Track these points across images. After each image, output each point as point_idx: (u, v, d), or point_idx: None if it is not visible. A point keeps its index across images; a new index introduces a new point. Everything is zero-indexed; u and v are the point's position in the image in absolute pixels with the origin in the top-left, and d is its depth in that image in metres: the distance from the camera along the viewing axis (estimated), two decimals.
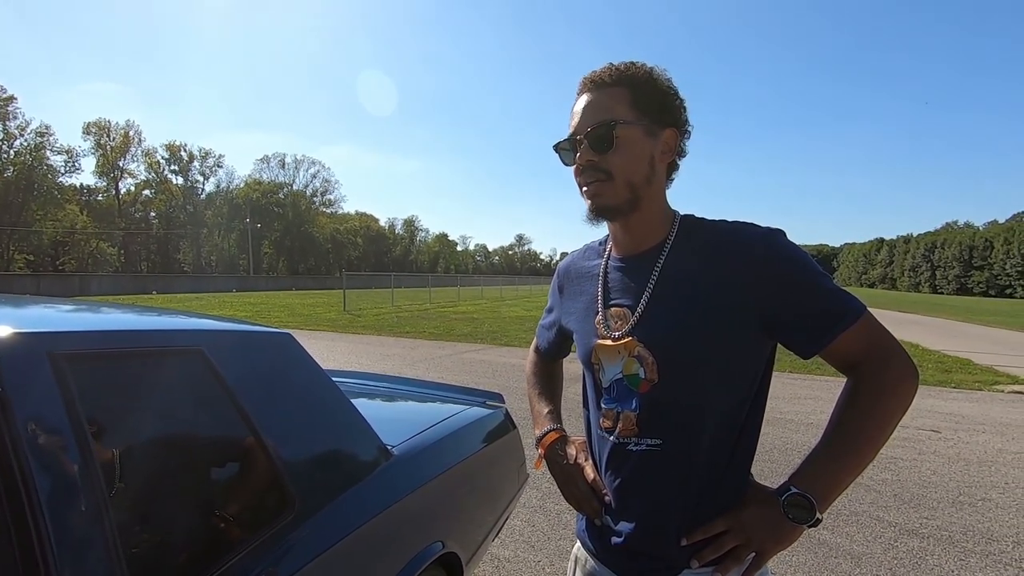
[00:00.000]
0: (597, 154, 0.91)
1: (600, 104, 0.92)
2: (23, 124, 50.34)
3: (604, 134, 0.90)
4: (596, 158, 0.91)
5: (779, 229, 0.91)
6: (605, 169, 0.91)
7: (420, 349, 10.41)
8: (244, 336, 1.37)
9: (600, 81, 0.94)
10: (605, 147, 0.90)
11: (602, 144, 0.90)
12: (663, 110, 0.93)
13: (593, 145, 0.91)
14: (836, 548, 2.93)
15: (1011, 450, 4.77)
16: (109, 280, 41.72)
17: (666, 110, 0.94)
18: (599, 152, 0.91)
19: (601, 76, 0.94)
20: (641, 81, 0.93)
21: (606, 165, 0.91)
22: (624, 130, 0.90)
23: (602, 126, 0.90)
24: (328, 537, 1.23)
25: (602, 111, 0.91)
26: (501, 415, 2.30)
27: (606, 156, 0.91)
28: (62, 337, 0.94)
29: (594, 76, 0.95)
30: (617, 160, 0.91)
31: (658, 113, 0.93)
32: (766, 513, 0.88)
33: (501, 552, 2.84)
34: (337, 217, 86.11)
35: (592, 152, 0.91)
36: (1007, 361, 10.00)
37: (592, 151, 0.91)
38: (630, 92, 0.92)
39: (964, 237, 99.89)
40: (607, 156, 0.91)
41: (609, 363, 0.97)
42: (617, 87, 0.92)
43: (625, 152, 0.91)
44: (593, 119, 0.92)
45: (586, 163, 0.92)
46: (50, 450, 0.81)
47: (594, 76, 0.95)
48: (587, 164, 0.92)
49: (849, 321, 0.86)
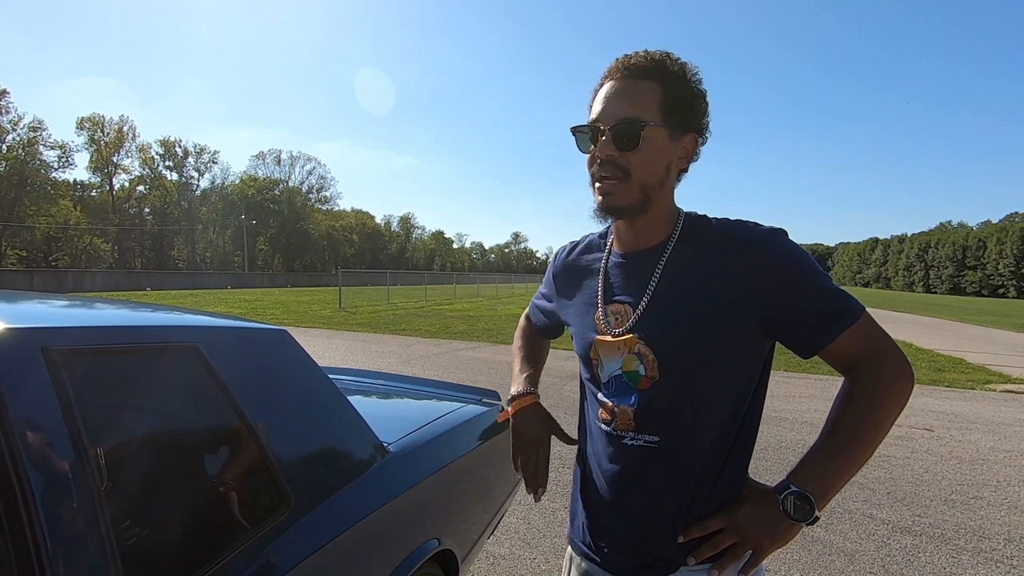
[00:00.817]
0: (619, 150, 0.88)
1: (630, 96, 0.88)
2: (16, 119, 50.02)
3: (631, 132, 0.87)
4: (617, 154, 0.88)
5: (781, 228, 0.91)
6: (624, 167, 0.88)
7: (416, 347, 10.40)
8: (240, 333, 1.36)
9: (635, 68, 0.89)
10: (629, 145, 0.87)
11: (626, 142, 0.87)
12: (690, 113, 0.91)
13: (616, 140, 0.88)
14: (830, 545, 2.94)
15: (1003, 448, 4.81)
16: (103, 276, 41.39)
17: (692, 113, 0.91)
18: (621, 149, 0.88)
19: (636, 63, 0.90)
20: (676, 78, 0.90)
21: (626, 163, 0.88)
22: (651, 131, 0.87)
23: (631, 123, 0.87)
24: (323, 534, 1.23)
25: (631, 106, 0.88)
26: (497, 412, 2.31)
27: (627, 155, 0.88)
28: (57, 333, 0.93)
29: (627, 62, 0.90)
30: (638, 160, 0.88)
31: (685, 116, 0.90)
32: (764, 511, 0.88)
33: (497, 549, 2.84)
34: (333, 214, 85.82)
35: (614, 147, 0.88)
36: (1000, 360, 10.08)
37: (614, 146, 0.88)
38: (662, 89, 0.88)
39: (958, 237, 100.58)
40: (628, 155, 0.88)
41: (608, 359, 0.97)
42: (650, 80, 0.89)
43: (647, 154, 0.88)
44: (621, 112, 0.88)
45: (606, 157, 0.89)
46: (44, 446, 0.80)
47: (627, 62, 0.90)
48: (607, 158, 0.89)
49: (848, 321, 0.86)
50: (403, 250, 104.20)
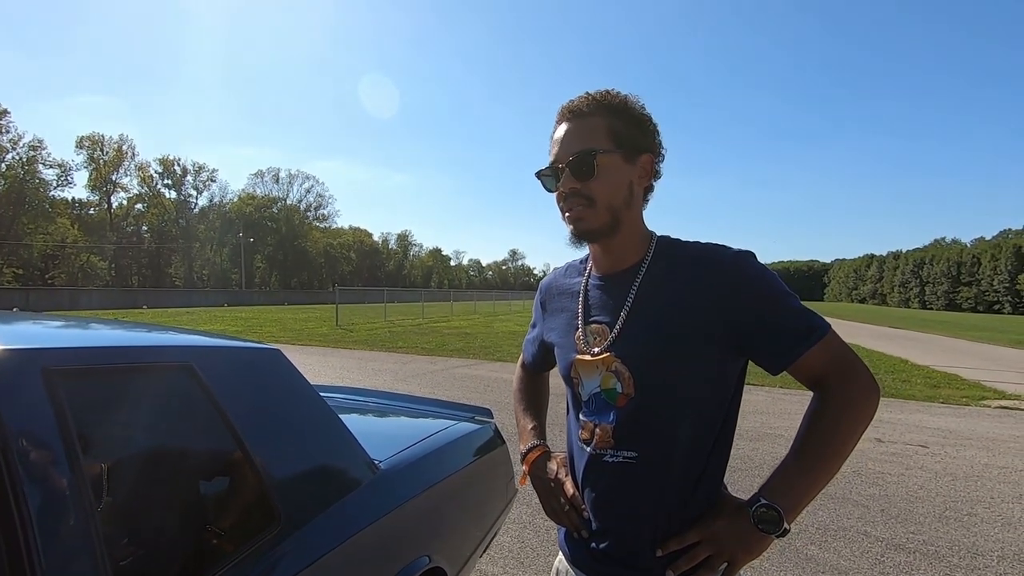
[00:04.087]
0: (579, 181, 0.95)
1: (580, 133, 0.97)
2: (16, 138, 50.35)
3: (585, 162, 0.94)
4: (578, 185, 0.95)
5: (749, 251, 0.95)
6: (587, 195, 0.95)
7: (412, 364, 10.38)
8: (233, 352, 1.39)
9: (578, 111, 0.98)
10: (586, 174, 0.95)
11: (583, 172, 0.95)
12: (639, 137, 0.98)
13: (575, 173, 0.95)
14: (823, 563, 2.94)
15: (997, 465, 4.82)
16: (99, 294, 41.30)
17: (642, 136, 0.99)
18: (580, 179, 0.95)
19: (579, 106, 0.98)
20: (617, 110, 0.98)
21: (588, 191, 0.95)
22: (604, 158, 0.95)
23: (583, 154, 0.95)
24: (312, 551, 1.25)
25: (582, 140, 0.96)
26: (490, 430, 2.32)
27: (588, 183, 0.95)
28: (55, 353, 0.96)
29: (572, 106, 0.99)
30: (598, 187, 0.95)
31: (634, 140, 0.98)
32: (737, 524, 0.91)
33: (489, 568, 2.83)
34: (330, 232, 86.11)
35: (574, 180, 0.96)
36: (994, 376, 10.10)
37: (574, 178, 0.96)
38: (607, 121, 0.97)
39: (952, 254, 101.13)
40: (588, 183, 0.95)
41: (588, 377, 1.01)
42: (595, 116, 0.97)
43: (605, 179, 0.95)
44: (574, 148, 0.96)
45: (569, 190, 0.96)
46: (41, 464, 0.83)
47: (572, 106, 0.99)
48: (570, 191, 0.96)
49: (815, 339, 0.90)
50: (400, 267, 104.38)
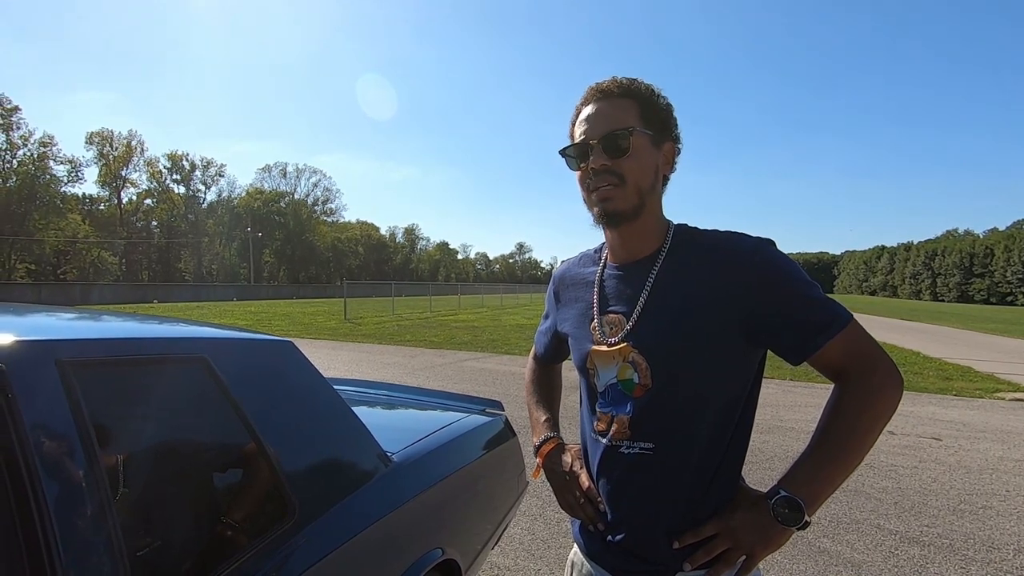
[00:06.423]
0: (611, 159, 0.94)
1: (611, 113, 0.96)
2: (27, 134, 50.74)
3: (621, 140, 0.93)
4: (610, 162, 0.94)
5: (769, 239, 0.93)
6: (619, 173, 0.94)
7: (420, 357, 10.41)
8: (246, 344, 1.39)
9: (609, 91, 0.98)
10: (621, 151, 0.93)
11: (617, 149, 0.94)
12: (665, 125, 0.98)
13: (607, 150, 0.94)
14: (837, 556, 2.92)
15: (1012, 457, 4.76)
16: (110, 289, 41.69)
17: (667, 126, 0.99)
18: (613, 157, 0.94)
19: (610, 87, 0.98)
20: (646, 96, 0.97)
21: (620, 169, 0.94)
22: (638, 138, 0.94)
23: (619, 132, 0.93)
24: (327, 543, 1.25)
25: (615, 120, 0.95)
26: (500, 423, 2.32)
27: (620, 161, 0.94)
28: (69, 345, 0.96)
29: (602, 87, 0.98)
30: (630, 165, 0.94)
31: (661, 127, 0.97)
32: (755, 516, 0.90)
33: (501, 560, 2.84)
34: (338, 226, 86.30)
35: (606, 156, 0.94)
36: (1008, 368, 9.99)
37: (606, 155, 0.94)
38: (638, 105, 0.96)
39: (964, 245, 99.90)
40: (621, 161, 0.94)
41: (604, 368, 0.99)
42: (626, 99, 0.96)
43: (637, 158, 0.94)
44: (608, 126, 0.95)
45: (600, 167, 0.95)
46: (57, 455, 0.83)
47: (602, 87, 0.98)
48: (601, 168, 0.95)
49: (836, 329, 0.88)
50: (408, 261, 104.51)
